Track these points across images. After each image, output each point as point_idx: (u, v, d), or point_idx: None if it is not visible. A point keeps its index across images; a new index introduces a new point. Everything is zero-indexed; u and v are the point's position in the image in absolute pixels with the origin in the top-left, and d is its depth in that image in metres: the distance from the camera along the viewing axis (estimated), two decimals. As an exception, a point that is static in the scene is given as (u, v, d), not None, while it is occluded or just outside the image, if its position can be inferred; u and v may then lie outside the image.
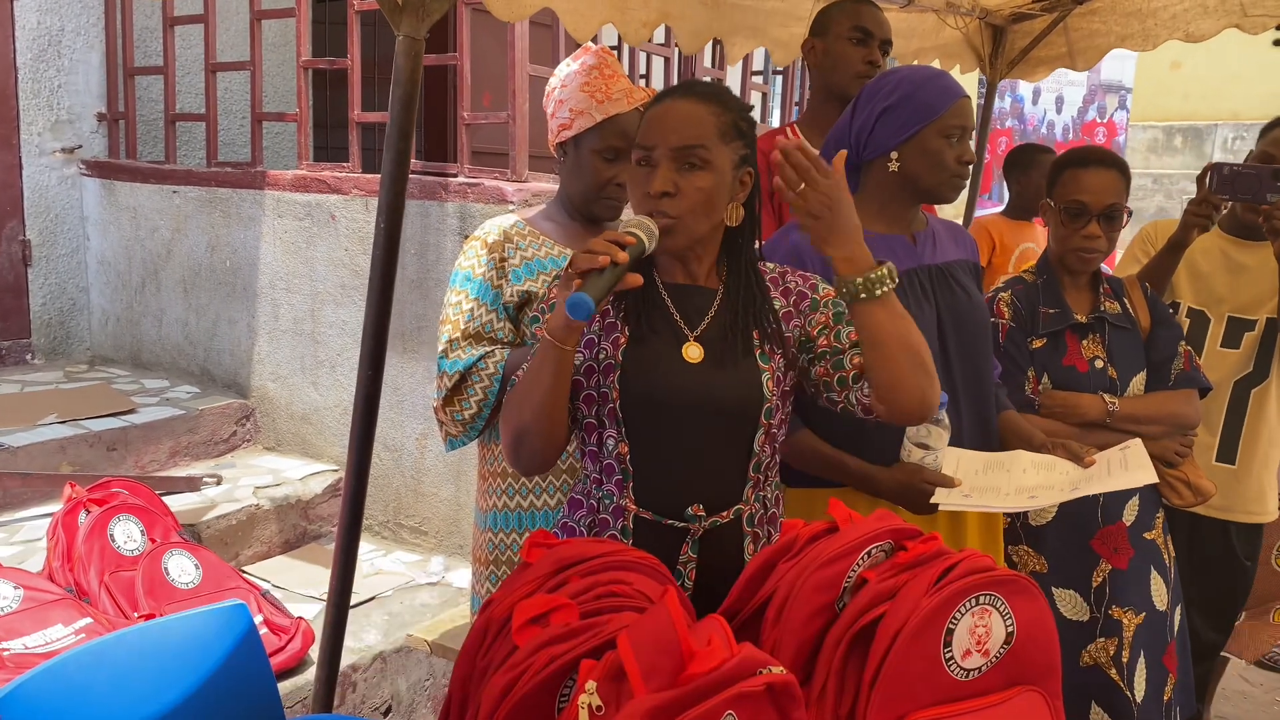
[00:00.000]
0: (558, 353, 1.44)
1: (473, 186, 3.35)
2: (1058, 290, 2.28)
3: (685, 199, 1.49)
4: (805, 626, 1.33)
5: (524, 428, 1.51)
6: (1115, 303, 2.31)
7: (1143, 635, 2.23)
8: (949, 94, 1.86)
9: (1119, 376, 2.26)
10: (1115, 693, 2.20)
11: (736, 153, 1.52)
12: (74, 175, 4.44)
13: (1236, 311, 2.52)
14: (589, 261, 1.38)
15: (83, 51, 4.40)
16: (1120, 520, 2.25)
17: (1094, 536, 2.23)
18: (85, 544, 2.64)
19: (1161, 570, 2.28)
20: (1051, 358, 2.25)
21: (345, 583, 2.01)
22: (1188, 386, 2.29)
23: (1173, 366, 2.29)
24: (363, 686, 2.88)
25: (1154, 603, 2.25)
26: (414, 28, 1.74)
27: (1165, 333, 2.32)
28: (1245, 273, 2.52)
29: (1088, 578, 2.23)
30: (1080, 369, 2.24)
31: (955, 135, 1.86)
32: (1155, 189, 10.69)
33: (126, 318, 4.42)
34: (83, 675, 1.57)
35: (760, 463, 1.55)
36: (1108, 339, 2.27)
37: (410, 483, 3.61)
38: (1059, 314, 2.26)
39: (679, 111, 1.50)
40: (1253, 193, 2.35)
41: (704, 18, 2.94)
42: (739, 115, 1.53)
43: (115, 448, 3.48)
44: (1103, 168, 2.21)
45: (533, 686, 1.23)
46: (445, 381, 1.93)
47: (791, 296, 1.62)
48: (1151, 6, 3.41)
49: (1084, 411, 2.20)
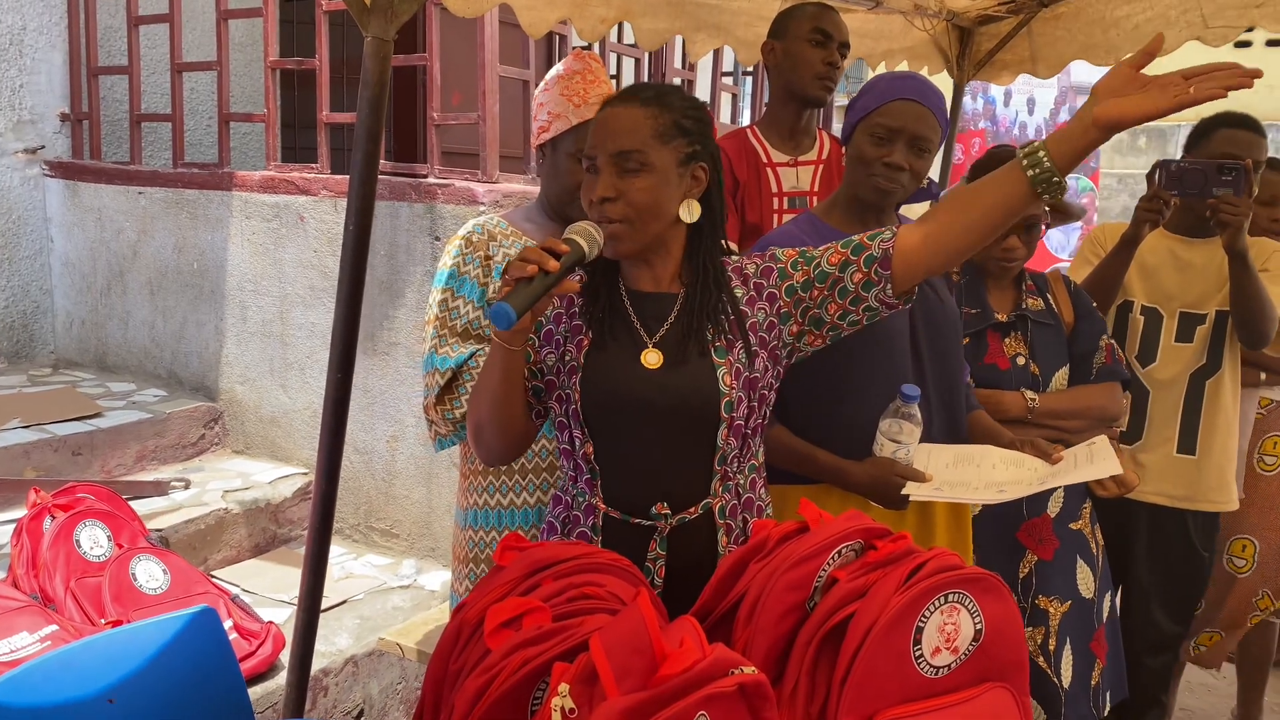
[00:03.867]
0: (504, 352, 1.49)
1: (443, 187, 3.34)
2: (980, 290, 2.33)
3: (626, 203, 1.51)
4: (777, 626, 1.34)
5: (480, 422, 1.58)
6: (1038, 299, 2.36)
7: (1068, 623, 2.28)
8: (884, 94, 1.88)
9: (1041, 372, 2.30)
10: (1045, 682, 2.24)
11: (679, 151, 1.53)
12: (37, 176, 4.38)
13: (1187, 307, 2.59)
14: (519, 270, 1.41)
15: (45, 51, 4.34)
16: (1045, 512, 2.29)
17: (1019, 529, 2.29)
18: (50, 550, 2.60)
19: (1088, 559, 2.33)
20: (974, 357, 2.29)
21: (316, 586, 1.99)
22: (1109, 380, 2.33)
23: (1095, 360, 2.34)
24: (334, 691, 2.86)
25: (1080, 591, 2.30)
26: (382, 29, 1.73)
27: (1088, 327, 2.37)
28: (1192, 269, 2.59)
29: (1014, 569, 2.27)
30: (1001, 366, 2.29)
31: (879, 135, 1.87)
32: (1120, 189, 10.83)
33: (91, 320, 4.36)
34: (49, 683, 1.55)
35: (726, 456, 1.56)
36: (1030, 336, 2.32)
37: (381, 485, 3.59)
38: (979, 314, 2.31)
39: (617, 118, 1.52)
40: (1199, 188, 2.41)
41: (664, 16, 2.95)
42: (681, 114, 1.54)
43: (81, 452, 3.44)
44: None
45: (506, 690, 1.23)
46: (438, 378, 1.93)
47: (752, 280, 1.63)
48: (1114, 16, 3.45)
49: (1005, 409, 2.24)
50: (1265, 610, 2.90)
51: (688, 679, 1.14)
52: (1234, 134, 2.51)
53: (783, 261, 1.63)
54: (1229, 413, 2.62)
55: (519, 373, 1.54)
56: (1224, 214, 2.35)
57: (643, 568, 1.53)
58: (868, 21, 3.52)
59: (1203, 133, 2.56)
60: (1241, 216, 2.34)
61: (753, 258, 1.67)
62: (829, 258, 1.61)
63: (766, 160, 2.60)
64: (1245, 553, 2.89)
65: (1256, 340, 2.51)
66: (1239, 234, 2.35)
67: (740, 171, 2.56)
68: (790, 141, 2.62)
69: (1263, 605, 2.89)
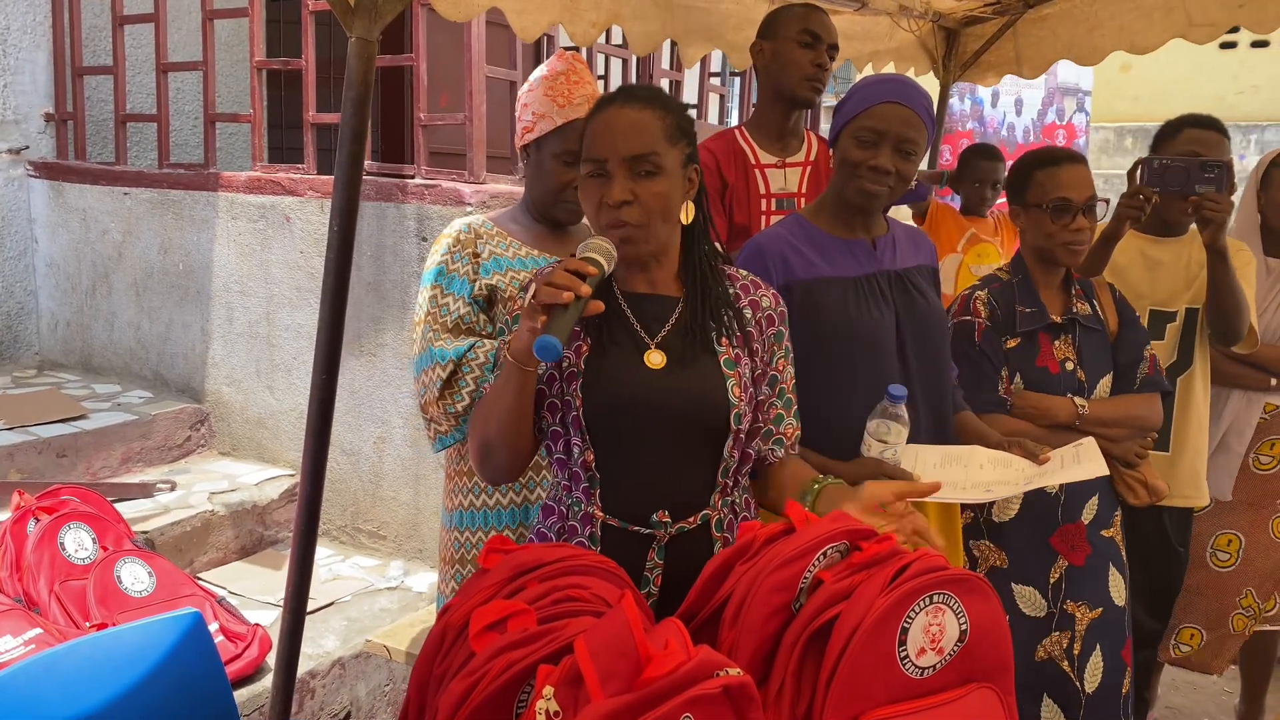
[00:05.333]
0: (520, 374, 1.47)
1: (430, 188, 3.33)
2: (1033, 289, 2.31)
3: (644, 206, 1.50)
4: (762, 627, 1.34)
5: (489, 442, 1.54)
6: (1086, 304, 2.34)
7: (1098, 629, 2.27)
8: (869, 99, 1.89)
9: (1087, 379, 2.29)
10: (1066, 683, 2.24)
11: (683, 153, 1.54)
12: (21, 177, 4.35)
13: (1157, 305, 2.62)
14: (553, 296, 1.38)
15: (29, 50, 4.31)
16: (1079, 519, 2.28)
17: (1054, 534, 2.27)
18: (34, 553, 2.59)
19: (1120, 567, 2.33)
20: (1025, 358, 2.28)
21: (302, 588, 1.99)
22: (1151, 390, 2.34)
23: (1138, 370, 2.34)
24: (321, 693, 2.85)
25: (1113, 598, 2.29)
26: (366, 29, 1.73)
27: (1132, 336, 2.36)
28: (1161, 268, 2.63)
29: (1046, 574, 2.26)
30: (1052, 370, 2.27)
31: (865, 138, 1.88)
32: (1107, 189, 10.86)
33: (76, 322, 4.34)
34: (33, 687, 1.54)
35: (729, 468, 1.56)
36: (1078, 340, 2.30)
37: (368, 487, 3.58)
38: (1035, 313, 2.29)
39: (626, 120, 1.51)
40: (1181, 184, 2.43)
41: (656, 19, 2.95)
42: (680, 116, 1.55)
43: (65, 454, 3.42)
44: (1074, 164, 2.28)
45: (490, 692, 1.23)
46: (440, 372, 1.92)
47: (761, 312, 1.64)
48: (1099, 17, 3.47)
49: (1055, 414, 2.24)
50: (1250, 610, 2.91)
51: (673, 681, 1.14)
52: (1200, 134, 2.55)
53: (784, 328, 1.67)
54: (1200, 409, 2.65)
55: (533, 391, 1.51)
56: (1207, 210, 2.37)
57: (640, 577, 1.52)
58: (855, 23, 3.52)
59: (1169, 133, 2.60)
60: (1224, 213, 2.36)
61: (769, 291, 1.68)
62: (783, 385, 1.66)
63: (755, 161, 2.60)
64: (1230, 548, 2.91)
65: (1229, 336, 2.54)
66: (1220, 231, 2.38)
67: (728, 172, 2.57)
68: (778, 143, 2.62)
69: (1245, 604, 2.91)
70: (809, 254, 1.93)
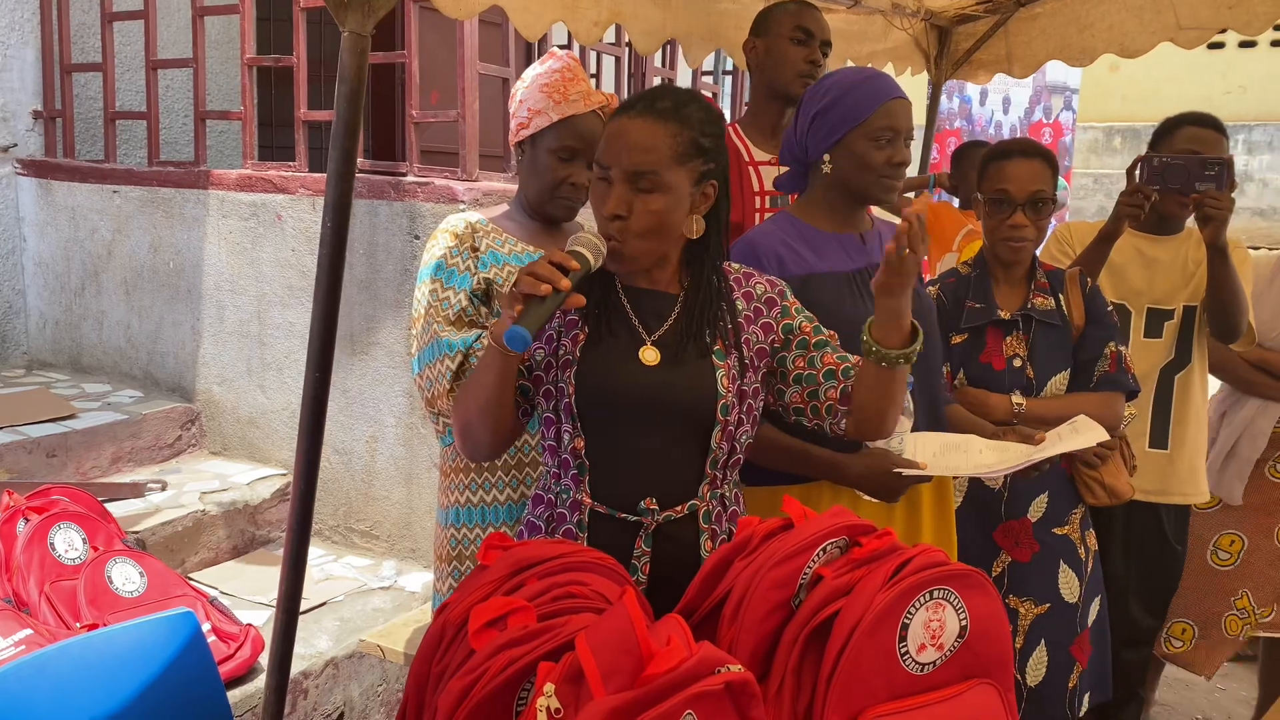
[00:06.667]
0: (502, 359, 1.49)
1: (422, 186, 3.32)
2: (987, 285, 2.30)
3: (637, 222, 1.50)
4: (762, 624, 1.34)
5: (469, 421, 1.57)
6: (1048, 298, 2.30)
7: (1043, 625, 2.28)
8: (875, 97, 1.88)
9: (1036, 376, 2.26)
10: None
11: (695, 170, 1.52)
12: (9, 175, 4.32)
13: (1154, 303, 2.62)
14: (531, 287, 1.39)
15: (17, 47, 4.28)
16: (1025, 516, 2.28)
17: (996, 529, 2.28)
18: (24, 553, 2.57)
19: (1074, 564, 2.32)
20: (970, 353, 2.27)
21: (295, 588, 1.97)
22: (1111, 389, 2.28)
23: (1097, 368, 2.29)
24: (314, 694, 2.84)
25: (1061, 595, 2.29)
26: (359, 24, 1.71)
27: (1096, 333, 2.31)
28: (1158, 266, 2.63)
29: (988, 568, 2.27)
30: (996, 366, 2.26)
31: (884, 138, 1.87)
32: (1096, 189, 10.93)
33: (66, 321, 4.31)
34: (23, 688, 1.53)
35: (717, 460, 1.56)
36: (1032, 336, 2.27)
37: (361, 486, 3.56)
38: (982, 309, 2.28)
39: (635, 132, 1.50)
40: (1181, 183, 2.43)
41: (657, 18, 2.94)
42: (700, 131, 1.52)
43: (55, 454, 3.39)
44: (1025, 158, 2.24)
45: (491, 690, 1.22)
46: (449, 363, 1.90)
47: (755, 301, 1.63)
48: (1089, 18, 3.49)
49: (990, 410, 2.23)
50: (1244, 612, 2.92)
51: (674, 678, 1.14)
52: (1198, 132, 2.54)
53: (789, 302, 1.65)
54: (1199, 407, 2.65)
55: (514, 375, 1.54)
56: (1208, 208, 2.37)
57: (628, 564, 1.52)
58: (850, 22, 3.53)
59: (1167, 130, 2.59)
60: (1225, 211, 2.36)
61: (762, 277, 1.67)
62: (823, 356, 1.62)
63: (749, 158, 2.60)
64: (1232, 548, 2.92)
65: (1228, 333, 2.55)
66: (1221, 228, 2.38)
67: None
68: (772, 140, 2.62)
69: (1240, 605, 2.91)
70: (802, 250, 1.93)
